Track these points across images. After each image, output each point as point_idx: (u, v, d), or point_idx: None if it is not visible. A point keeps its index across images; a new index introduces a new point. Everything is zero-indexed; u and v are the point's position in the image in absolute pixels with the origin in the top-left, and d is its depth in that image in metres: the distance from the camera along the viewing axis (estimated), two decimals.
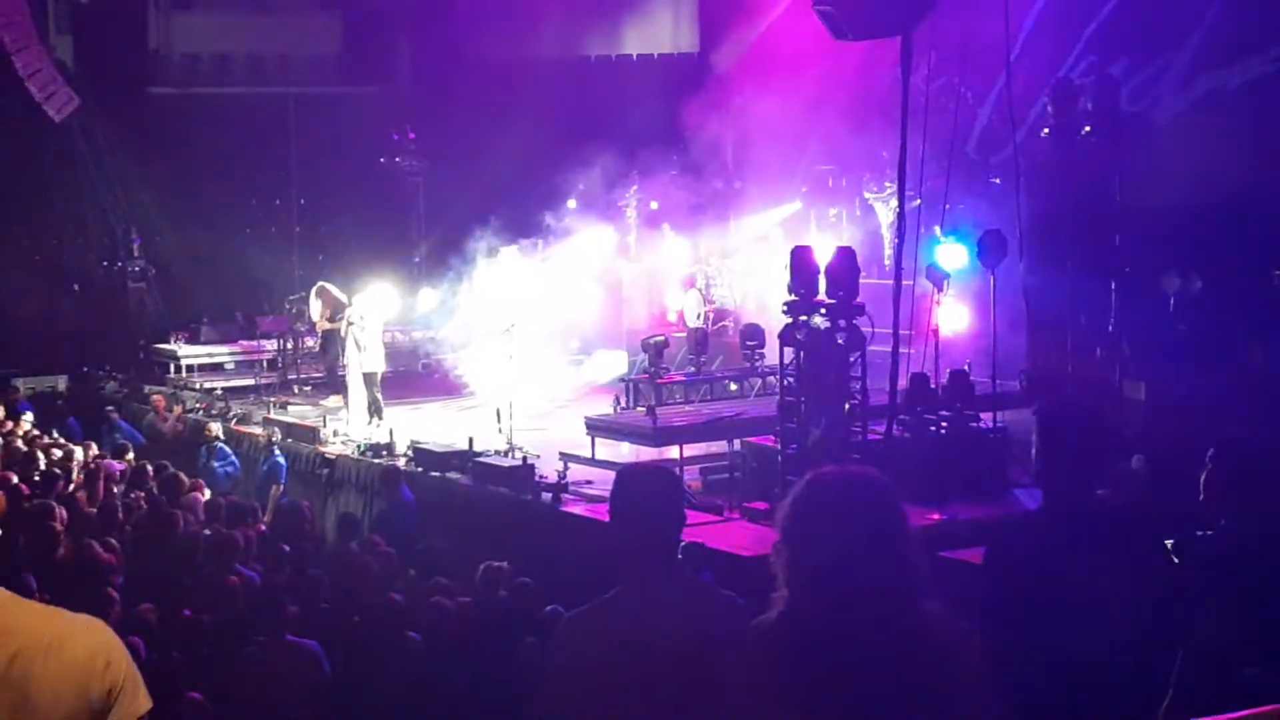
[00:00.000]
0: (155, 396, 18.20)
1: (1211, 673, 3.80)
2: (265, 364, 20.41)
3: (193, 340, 21.00)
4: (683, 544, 4.13)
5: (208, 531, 10.88)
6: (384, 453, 14.73)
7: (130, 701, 2.70)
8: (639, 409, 14.82)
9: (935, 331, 13.90)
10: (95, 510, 11.49)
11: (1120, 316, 13.80)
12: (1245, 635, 3.99)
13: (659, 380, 15.46)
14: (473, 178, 21.11)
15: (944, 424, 12.28)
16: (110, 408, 18.13)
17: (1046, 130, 14.84)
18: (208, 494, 12.95)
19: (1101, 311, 13.90)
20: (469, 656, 8.22)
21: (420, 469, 14.13)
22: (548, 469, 13.26)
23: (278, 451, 15.51)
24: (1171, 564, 4.26)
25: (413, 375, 19.99)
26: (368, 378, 16.35)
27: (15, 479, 12.80)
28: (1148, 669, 3.89)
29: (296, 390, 19.04)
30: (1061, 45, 16.23)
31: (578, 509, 12.32)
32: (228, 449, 16.04)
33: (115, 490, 12.96)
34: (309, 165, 23.69)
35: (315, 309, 18.15)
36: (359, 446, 15.19)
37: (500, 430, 14.31)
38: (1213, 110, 15.17)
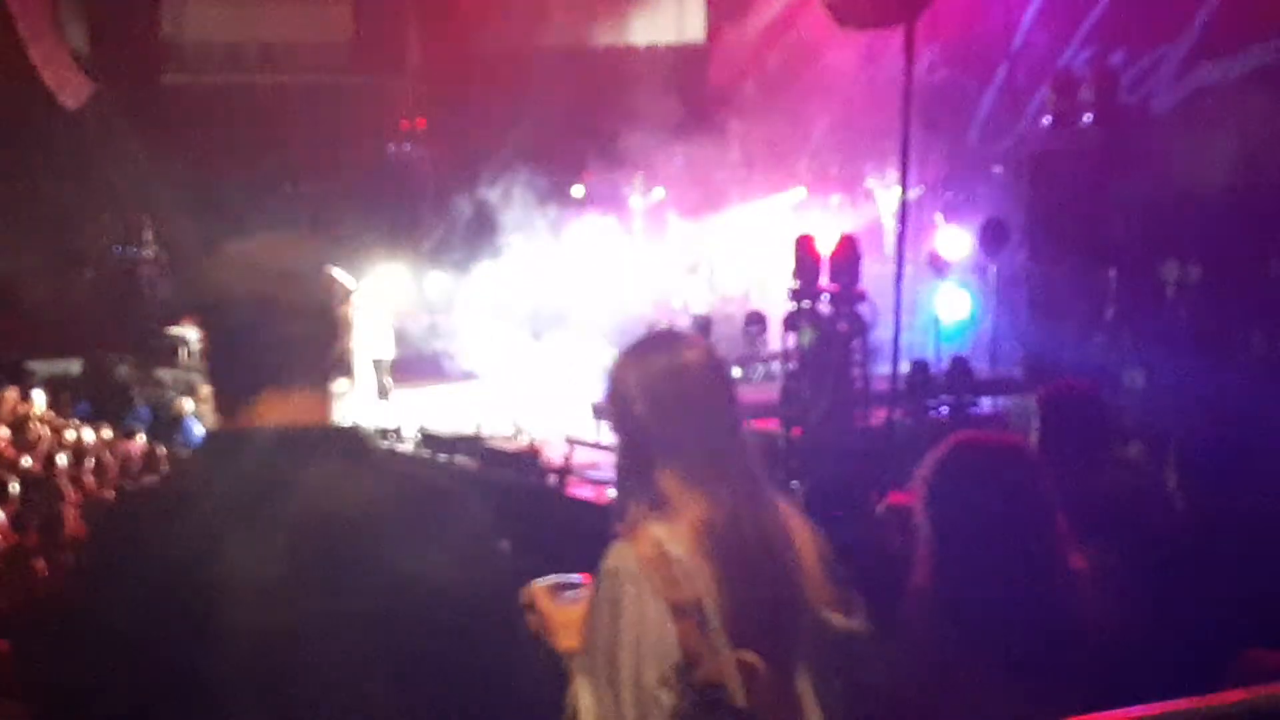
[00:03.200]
0: (202, 391, 18.20)
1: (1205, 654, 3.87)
2: None
3: None
4: None
5: None
6: (391, 437, 14.92)
7: None
8: None
9: (936, 319, 14.07)
10: (109, 492, 11.68)
11: (1119, 304, 13.94)
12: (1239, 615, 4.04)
13: None
14: (481, 166, 21.27)
15: (944, 410, 12.45)
16: (133, 392, 18.36)
17: (1047, 119, 14.99)
18: None
19: (1101, 299, 14.04)
20: None
21: (428, 453, 14.31)
22: (554, 453, 13.42)
23: None
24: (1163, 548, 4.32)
25: (421, 360, 20.17)
26: (377, 364, 16.53)
27: (27, 461, 13.02)
28: (1141, 651, 3.98)
29: None
30: (1062, 35, 16.33)
31: (583, 492, 12.49)
32: (193, 421, 16.38)
33: (131, 472, 13.15)
34: (319, 152, 23.86)
35: None
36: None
37: (507, 415, 14.47)
38: (1213, 99, 15.25)
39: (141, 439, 15.27)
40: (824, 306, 11.47)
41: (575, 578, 2.92)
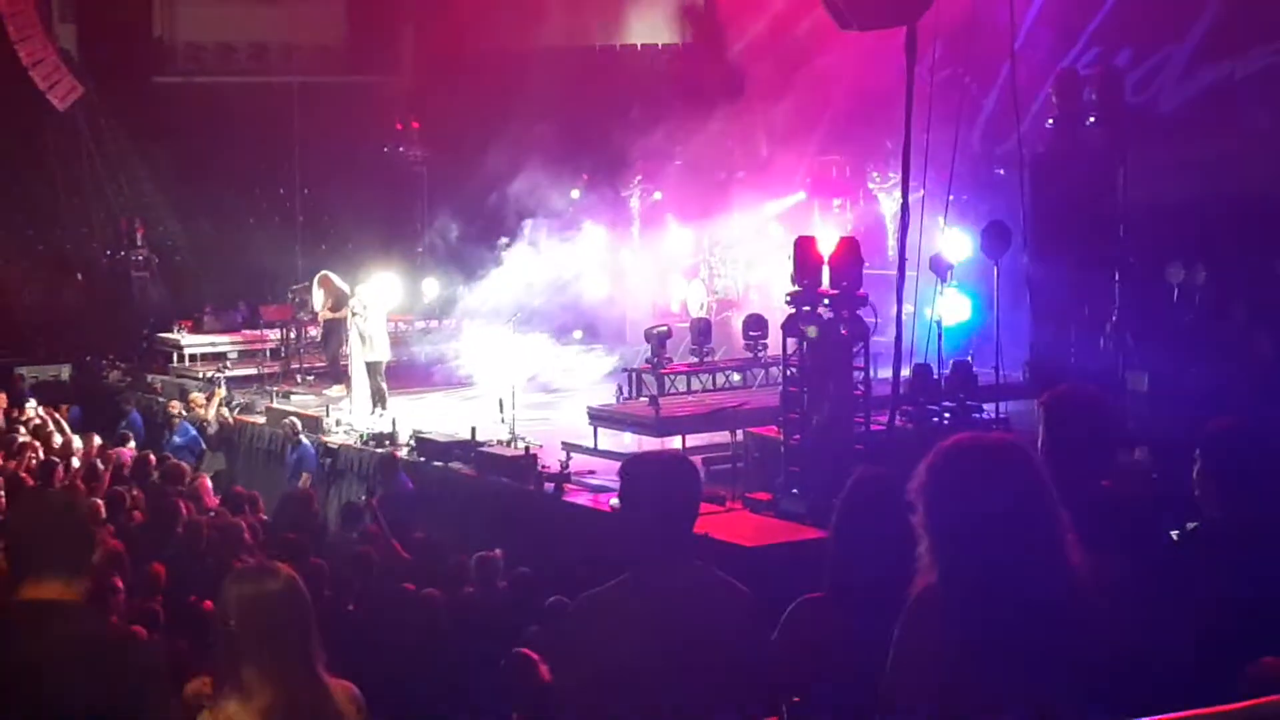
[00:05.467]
0: (193, 396, 17.89)
1: (1217, 663, 3.75)
2: (268, 353, 20.42)
3: (196, 329, 21.00)
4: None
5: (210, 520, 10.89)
6: (386, 442, 14.75)
7: None
8: (642, 399, 14.84)
9: (938, 322, 13.92)
10: (99, 500, 11.49)
11: (1123, 307, 13.83)
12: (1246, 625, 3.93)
13: (662, 370, 15.46)
14: (476, 167, 21.08)
15: (946, 414, 12.30)
16: (124, 398, 18.28)
17: (1051, 120, 14.86)
18: (209, 484, 12.97)
19: (1105, 302, 13.92)
20: (469, 646, 8.22)
21: (423, 459, 14.15)
22: (550, 459, 13.29)
23: (305, 440, 15.47)
24: (1174, 554, 4.23)
25: (416, 365, 19.98)
26: (371, 367, 16.36)
27: (16, 468, 12.85)
28: (1151, 660, 3.88)
29: (299, 379, 19.04)
30: (1066, 35, 16.21)
31: (580, 499, 12.35)
32: (189, 425, 16.44)
33: (122, 478, 12.96)
34: (312, 154, 23.68)
35: (318, 299, 18.14)
36: (361, 436, 15.20)
37: (503, 420, 14.32)
38: (1217, 100, 15.17)
39: (132, 445, 15.09)
40: (825, 310, 11.30)
41: None
